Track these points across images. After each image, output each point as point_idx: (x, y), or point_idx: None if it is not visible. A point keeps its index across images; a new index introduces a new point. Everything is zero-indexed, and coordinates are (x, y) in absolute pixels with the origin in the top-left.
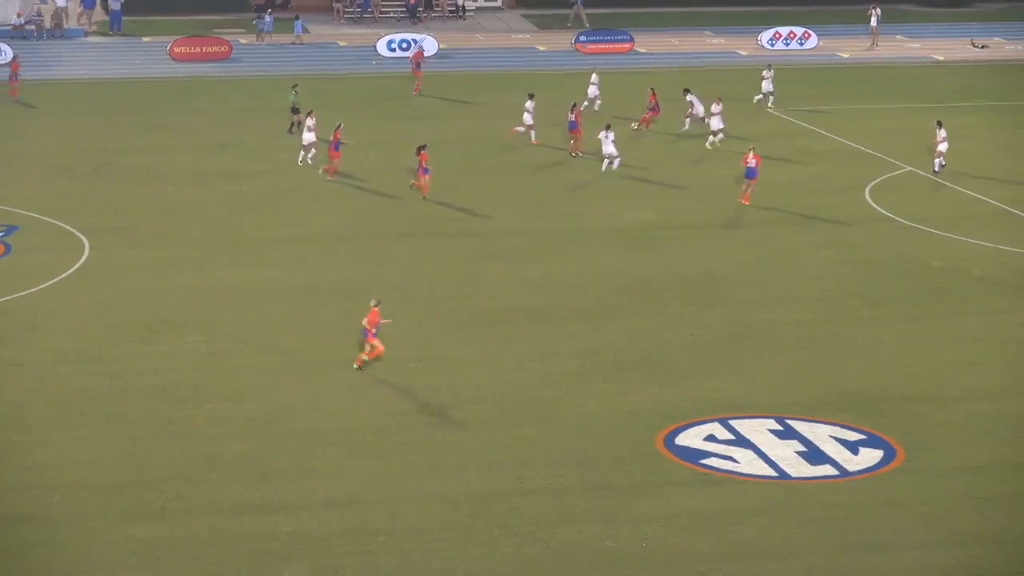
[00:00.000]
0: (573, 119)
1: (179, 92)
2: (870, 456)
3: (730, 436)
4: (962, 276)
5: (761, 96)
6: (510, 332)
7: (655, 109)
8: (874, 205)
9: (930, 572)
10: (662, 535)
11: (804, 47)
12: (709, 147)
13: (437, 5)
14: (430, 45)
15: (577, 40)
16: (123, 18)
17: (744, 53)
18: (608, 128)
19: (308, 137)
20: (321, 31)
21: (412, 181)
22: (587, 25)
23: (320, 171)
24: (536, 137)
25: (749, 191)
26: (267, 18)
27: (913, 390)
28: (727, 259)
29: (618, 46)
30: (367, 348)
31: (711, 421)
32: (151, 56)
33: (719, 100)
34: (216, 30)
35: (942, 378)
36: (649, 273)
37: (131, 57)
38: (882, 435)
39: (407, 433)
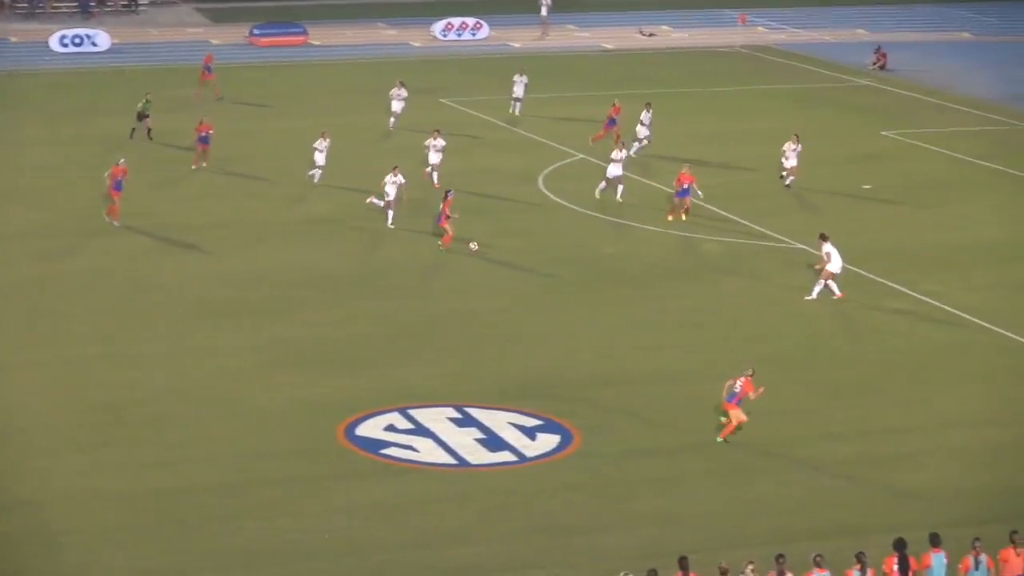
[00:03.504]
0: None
1: None
2: (548, 441)
3: (410, 425)
4: (635, 262)
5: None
6: (191, 327)
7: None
8: (548, 193)
9: (609, 554)
10: (345, 526)
11: (476, 37)
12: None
13: None
14: (103, 40)
15: (251, 33)
16: None
17: (417, 44)
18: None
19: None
20: None
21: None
22: None
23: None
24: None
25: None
26: None
27: (590, 375)
28: (407, 250)
29: (292, 39)
30: (731, 417)
31: (391, 411)
32: None
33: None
34: None
35: (618, 363)
36: (330, 266)
37: None
38: (559, 420)
39: (87, 431)
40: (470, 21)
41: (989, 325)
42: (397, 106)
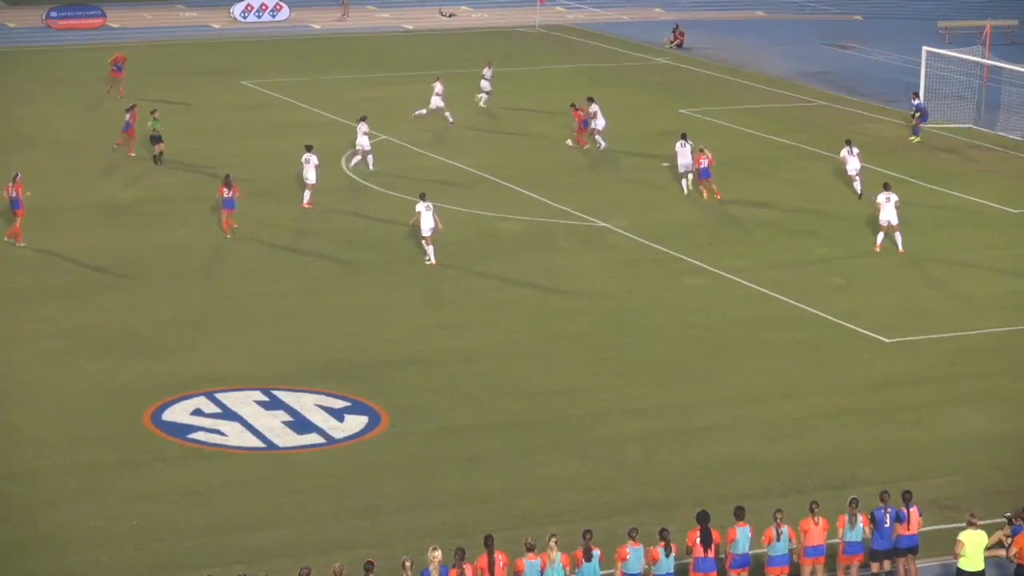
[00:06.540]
0: None
1: None
2: (356, 423)
3: (217, 409)
4: (436, 241)
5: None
6: None
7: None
8: (350, 174)
9: (417, 533)
10: (153, 512)
11: (276, 19)
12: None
13: None
14: None
15: (48, 16)
16: None
17: (217, 26)
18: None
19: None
20: None
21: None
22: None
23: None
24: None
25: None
26: None
27: (395, 355)
28: (207, 234)
29: (90, 22)
30: None
31: (198, 395)
32: None
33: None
34: None
35: (422, 343)
36: (129, 249)
37: None
38: (367, 401)
39: None
40: (270, 2)
41: (785, 298)
42: (485, 85)
